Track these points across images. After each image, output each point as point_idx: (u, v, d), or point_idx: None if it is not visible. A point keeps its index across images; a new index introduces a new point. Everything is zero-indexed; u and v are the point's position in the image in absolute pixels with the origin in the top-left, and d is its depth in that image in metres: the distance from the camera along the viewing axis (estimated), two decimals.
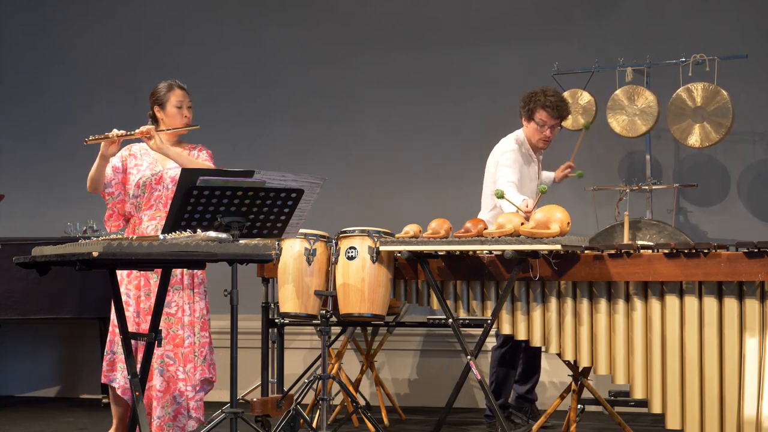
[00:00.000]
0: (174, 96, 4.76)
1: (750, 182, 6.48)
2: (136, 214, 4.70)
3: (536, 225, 4.43)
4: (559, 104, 5.36)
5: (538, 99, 5.36)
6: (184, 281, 4.66)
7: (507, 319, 4.63)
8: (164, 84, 4.81)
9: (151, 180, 4.68)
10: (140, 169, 4.71)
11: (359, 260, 4.81)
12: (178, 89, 4.78)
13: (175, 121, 4.77)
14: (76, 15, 7.68)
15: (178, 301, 4.64)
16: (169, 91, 4.77)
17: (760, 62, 6.32)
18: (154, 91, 4.81)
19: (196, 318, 4.66)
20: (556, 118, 5.37)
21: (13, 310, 6.37)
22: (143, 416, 3.95)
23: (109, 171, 4.75)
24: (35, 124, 7.68)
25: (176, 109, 4.76)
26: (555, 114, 5.35)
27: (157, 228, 4.58)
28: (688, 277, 4.27)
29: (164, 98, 4.77)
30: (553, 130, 5.42)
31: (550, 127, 5.39)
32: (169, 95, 4.76)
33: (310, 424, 4.79)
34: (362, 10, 7.20)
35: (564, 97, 5.50)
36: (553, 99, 5.35)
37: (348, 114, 7.16)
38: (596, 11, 6.78)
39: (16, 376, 7.42)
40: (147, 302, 4.57)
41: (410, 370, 6.83)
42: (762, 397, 4.12)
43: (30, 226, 7.13)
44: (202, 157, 4.78)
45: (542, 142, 5.44)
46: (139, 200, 4.68)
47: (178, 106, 4.76)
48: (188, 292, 4.65)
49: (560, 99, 5.41)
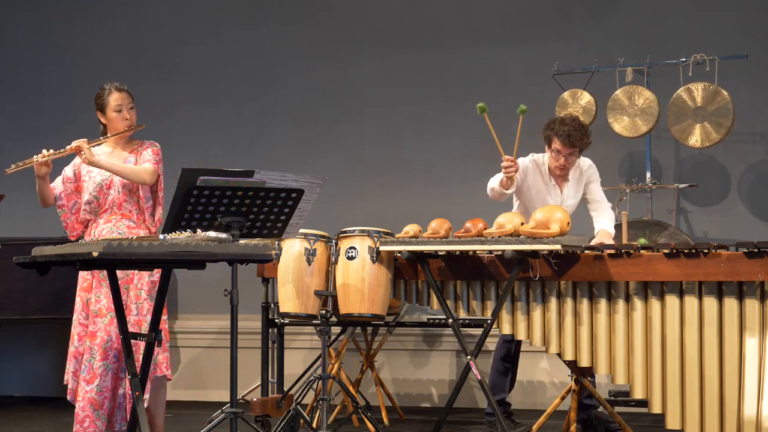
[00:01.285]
0: (112, 99, 4.75)
1: (750, 182, 6.48)
2: (93, 218, 4.71)
3: (536, 225, 4.43)
4: (572, 134, 5.20)
5: (553, 127, 5.26)
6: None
7: (507, 319, 4.63)
8: (103, 88, 4.80)
9: (102, 185, 4.68)
10: (92, 176, 4.72)
11: (359, 260, 4.81)
12: (115, 92, 4.75)
13: (116, 125, 4.75)
14: (76, 15, 7.68)
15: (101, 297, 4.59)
16: (108, 95, 4.76)
17: (760, 62, 6.32)
18: (96, 97, 4.81)
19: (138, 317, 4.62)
20: (569, 147, 5.23)
21: (13, 310, 6.37)
22: (143, 416, 3.95)
23: (59, 184, 4.79)
24: (35, 124, 7.68)
25: (116, 113, 4.74)
26: (567, 143, 5.21)
27: (112, 230, 4.58)
28: (688, 277, 4.27)
29: (104, 103, 4.77)
30: (568, 159, 5.26)
31: (565, 156, 5.25)
32: (107, 99, 4.75)
33: (310, 424, 4.79)
34: (362, 10, 7.20)
35: (581, 127, 5.27)
36: (566, 128, 5.21)
37: (348, 114, 7.16)
38: (596, 11, 6.78)
39: (16, 376, 7.42)
40: (97, 305, 4.54)
41: (410, 370, 6.83)
42: (762, 397, 4.12)
43: (30, 226, 7.12)
44: (145, 157, 4.72)
45: (558, 169, 5.33)
46: (93, 205, 4.69)
47: (117, 110, 4.74)
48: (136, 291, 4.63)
49: (575, 128, 5.23)
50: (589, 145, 5.32)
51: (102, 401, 4.46)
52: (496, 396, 5.41)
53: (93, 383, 4.45)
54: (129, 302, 4.56)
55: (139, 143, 4.80)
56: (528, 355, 6.39)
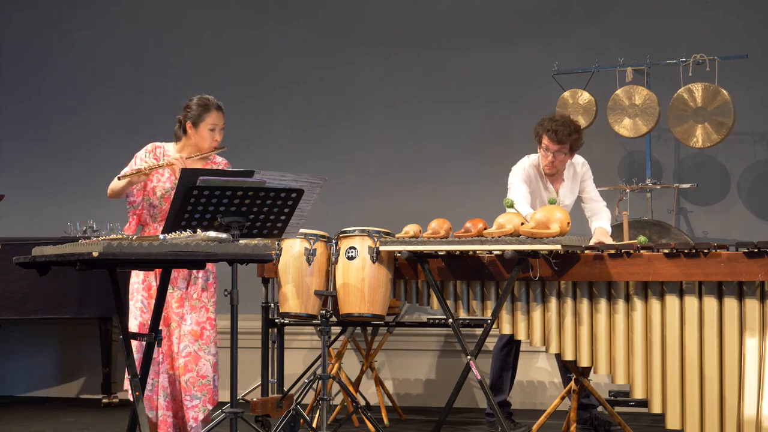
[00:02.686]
0: (210, 118, 4.63)
1: (750, 182, 6.48)
2: (151, 223, 4.62)
3: (536, 225, 4.43)
4: (560, 130, 5.16)
5: (542, 124, 5.23)
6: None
7: (507, 319, 4.63)
8: (204, 101, 4.67)
9: (169, 193, 4.57)
10: (161, 179, 4.62)
11: (359, 260, 4.81)
12: (215, 111, 4.65)
13: (203, 143, 4.64)
14: (76, 15, 7.68)
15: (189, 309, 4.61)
16: (206, 112, 4.63)
17: (760, 62, 6.32)
18: (191, 105, 4.67)
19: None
20: (556, 144, 5.20)
21: (13, 310, 6.37)
22: (143, 416, 3.95)
23: None
24: (35, 124, 7.68)
25: (209, 132, 4.64)
26: (554, 139, 5.18)
27: None
28: (688, 277, 4.27)
29: (200, 118, 4.63)
30: (557, 156, 5.23)
31: (553, 153, 5.23)
32: (205, 116, 4.63)
33: (310, 424, 4.79)
34: (362, 10, 7.20)
35: (570, 124, 5.23)
36: (554, 125, 5.18)
37: (348, 114, 7.16)
38: (596, 11, 6.78)
39: (16, 376, 7.41)
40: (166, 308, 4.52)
41: (410, 370, 6.83)
42: (762, 397, 4.12)
43: (30, 226, 7.13)
44: None
45: (547, 167, 5.31)
46: (156, 210, 4.61)
47: (211, 129, 4.64)
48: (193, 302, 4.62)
49: (563, 125, 5.19)
50: (580, 143, 5.28)
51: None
52: (497, 397, 5.41)
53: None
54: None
55: (213, 159, 4.72)
56: (528, 355, 6.39)
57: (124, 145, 4.79)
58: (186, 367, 4.47)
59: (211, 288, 4.63)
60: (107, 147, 7.21)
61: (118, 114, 7.46)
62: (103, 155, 7.03)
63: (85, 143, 7.49)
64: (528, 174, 5.35)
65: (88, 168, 7.31)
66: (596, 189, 5.50)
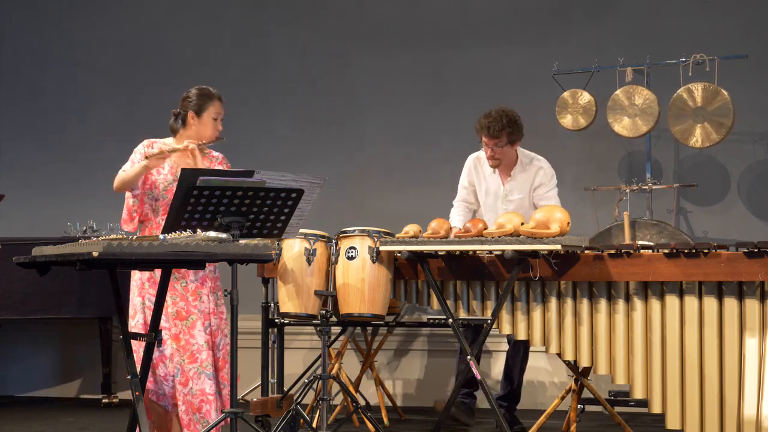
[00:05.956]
0: (213, 107, 4.63)
1: (750, 182, 6.48)
2: (153, 218, 4.58)
3: (536, 225, 4.43)
4: (492, 125, 5.30)
5: (479, 120, 5.39)
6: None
7: (507, 319, 4.63)
8: (205, 90, 4.66)
9: (172, 184, 4.53)
10: (161, 171, 4.60)
11: (359, 260, 4.81)
12: (218, 101, 4.65)
13: (206, 132, 4.64)
14: (76, 15, 7.68)
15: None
16: (209, 101, 4.63)
17: (760, 62, 6.32)
18: (190, 96, 4.66)
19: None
20: (491, 138, 5.34)
21: (13, 310, 6.37)
22: (143, 416, 3.95)
23: None
24: (35, 124, 7.68)
25: (212, 121, 4.64)
26: (487, 134, 5.34)
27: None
28: (688, 277, 4.27)
29: (203, 107, 4.62)
30: (495, 150, 5.37)
31: (491, 147, 5.38)
32: (208, 105, 4.62)
33: (310, 424, 4.79)
34: (362, 10, 7.20)
35: (503, 117, 5.32)
36: (487, 120, 5.33)
37: (348, 114, 7.16)
38: (596, 11, 6.78)
39: (16, 376, 7.42)
40: (174, 307, 4.51)
41: (410, 370, 6.83)
42: (762, 397, 4.12)
43: (30, 226, 7.13)
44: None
45: (490, 161, 5.47)
46: (158, 204, 4.58)
47: (214, 118, 4.64)
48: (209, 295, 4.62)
49: (495, 120, 5.31)
50: (518, 134, 5.39)
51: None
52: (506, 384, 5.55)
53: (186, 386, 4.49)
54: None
55: (210, 154, 4.72)
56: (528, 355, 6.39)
57: (124, 145, 4.77)
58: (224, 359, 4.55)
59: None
60: (107, 147, 7.21)
61: (118, 114, 7.46)
62: (103, 155, 7.02)
63: (85, 143, 7.48)
64: (469, 168, 5.63)
65: (88, 168, 7.31)
66: (556, 198, 5.47)
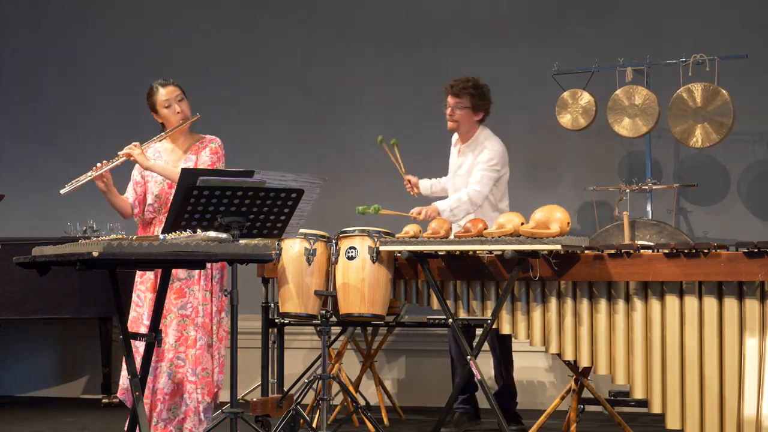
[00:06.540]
0: (159, 97, 4.73)
1: (750, 182, 6.48)
2: (158, 216, 4.70)
3: (536, 225, 4.43)
4: (455, 84, 5.48)
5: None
6: (201, 281, 4.65)
7: (507, 319, 4.64)
8: (149, 88, 4.77)
9: (164, 183, 4.67)
10: (155, 176, 4.71)
11: (359, 260, 4.81)
12: (161, 88, 4.74)
13: (170, 120, 4.73)
14: (76, 15, 7.68)
15: (193, 301, 4.62)
16: (154, 94, 4.74)
17: (760, 62, 6.32)
18: (146, 98, 4.78)
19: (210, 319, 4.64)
20: (453, 97, 5.47)
21: (13, 310, 6.36)
22: (143, 416, 3.95)
23: (131, 191, 4.77)
24: (35, 124, 7.68)
25: (166, 109, 4.72)
26: (450, 91, 5.47)
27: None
28: (688, 277, 4.27)
29: (153, 102, 4.75)
30: (454, 110, 5.50)
31: (452, 107, 5.50)
32: (155, 98, 4.74)
33: (310, 424, 4.79)
34: (362, 10, 7.20)
35: (469, 80, 5.50)
36: (454, 80, 5.50)
37: (348, 114, 7.16)
38: (596, 11, 6.78)
39: (16, 376, 7.41)
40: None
41: (411, 370, 6.83)
42: (762, 397, 4.12)
43: (30, 226, 7.12)
44: (203, 158, 4.73)
45: (449, 123, 5.57)
46: (157, 204, 4.70)
47: (166, 106, 4.72)
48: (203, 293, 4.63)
49: (461, 81, 5.49)
50: (482, 102, 5.51)
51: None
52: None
53: None
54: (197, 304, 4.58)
55: (200, 139, 4.78)
56: (528, 355, 6.39)
57: (124, 146, 4.79)
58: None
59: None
60: (107, 147, 7.18)
61: (118, 114, 7.45)
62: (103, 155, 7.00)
63: (85, 143, 7.48)
64: (452, 143, 5.74)
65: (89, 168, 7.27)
66: (484, 180, 5.39)
